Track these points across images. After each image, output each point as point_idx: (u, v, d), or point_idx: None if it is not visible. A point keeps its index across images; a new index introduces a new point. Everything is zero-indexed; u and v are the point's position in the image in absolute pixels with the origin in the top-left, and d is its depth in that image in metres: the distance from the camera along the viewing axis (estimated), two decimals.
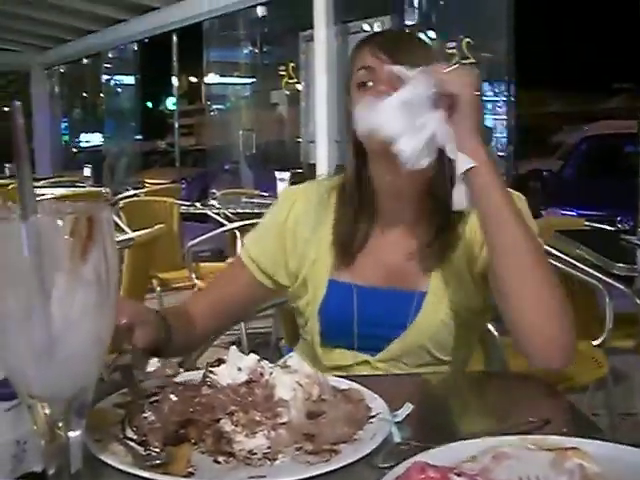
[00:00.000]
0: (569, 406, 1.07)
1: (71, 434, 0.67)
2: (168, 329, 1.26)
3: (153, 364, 1.06)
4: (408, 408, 0.93)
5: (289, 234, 1.45)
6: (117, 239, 3.27)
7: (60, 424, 0.66)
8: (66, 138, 15.88)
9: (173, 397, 0.92)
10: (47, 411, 0.65)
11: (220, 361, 0.99)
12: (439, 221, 1.38)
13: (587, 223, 3.79)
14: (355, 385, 1.03)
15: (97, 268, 0.63)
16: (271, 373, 0.95)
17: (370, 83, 1.33)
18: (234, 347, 1.01)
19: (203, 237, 4.19)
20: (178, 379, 1.04)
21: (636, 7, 5.77)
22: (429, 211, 1.39)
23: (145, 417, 0.90)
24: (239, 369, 0.95)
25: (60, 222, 0.62)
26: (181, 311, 1.42)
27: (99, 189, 7.39)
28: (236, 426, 0.86)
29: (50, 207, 0.70)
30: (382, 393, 0.99)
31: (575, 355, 1.16)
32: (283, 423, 0.88)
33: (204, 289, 1.55)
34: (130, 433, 0.89)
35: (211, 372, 0.96)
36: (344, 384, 1.04)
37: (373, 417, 0.94)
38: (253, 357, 0.98)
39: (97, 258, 0.63)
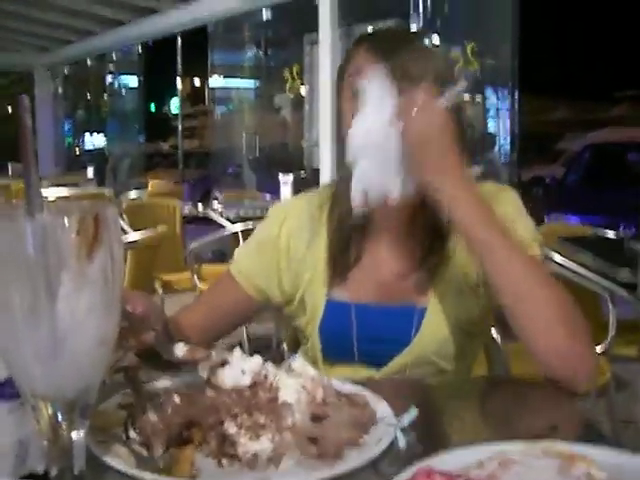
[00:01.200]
0: (576, 412, 1.06)
1: (74, 435, 0.66)
2: (171, 331, 1.24)
3: (180, 349, 1.04)
4: (413, 413, 0.92)
5: (282, 251, 1.42)
6: None
7: (63, 424, 0.65)
8: (69, 139, 15.89)
9: (177, 399, 0.92)
10: (50, 411, 0.65)
11: (224, 362, 0.98)
12: (432, 235, 1.35)
13: (590, 231, 3.79)
14: (359, 389, 1.02)
15: (103, 267, 0.62)
16: (275, 376, 0.94)
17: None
18: (238, 349, 1.01)
19: (205, 239, 4.19)
20: (181, 381, 1.04)
21: None
22: (422, 225, 1.36)
23: (148, 419, 0.90)
24: (243, 372, 0.95)
25: (67, 220, 0.61)
26: (172, 322, 1.39)
27: (102, 190, 7.39)
28: (240, 429, 0.85)
29: (56, 205, 0.70)
30: (386, 397, 0.99)
31: (596, 372, 1.13)
32: (287, 426, 0.87)
33: (194, 303, 1.52)
34: (133, 435, 0.89)
35: (215, 374, 0.96)
36: (348, 388, 1.03)
37: (378, 421, 0.93)
38: (257, 359, 0.97)
39: (103, 257, 0.62)
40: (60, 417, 0.65)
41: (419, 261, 1.36)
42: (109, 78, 14.12)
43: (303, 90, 9.35)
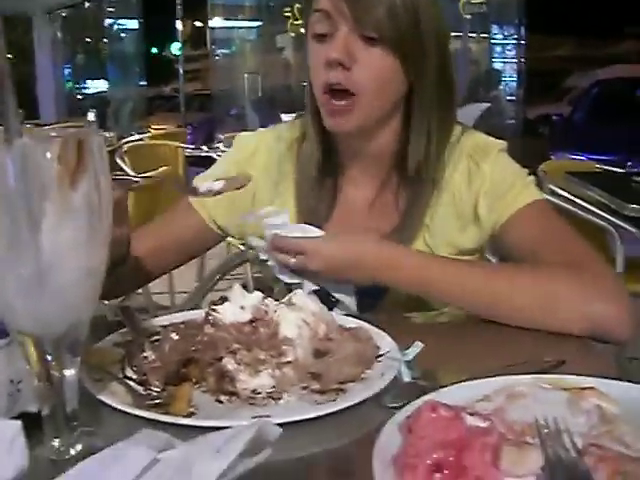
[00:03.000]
0: (586, 346, 1.03)
1: (65, 372, 0.64)
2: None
3: (217, 183, 1.02)
4: (418, 347, 0.90)
5: (248, 191, 1.32)
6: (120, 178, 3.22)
7: (53, 362, 0.63)
8: (70, 85, 15.72)
9: (174, 336, 0.89)
10: (38, 348, 0.62)
11: (223, 299, 0.95)
12: (412, 188, 1.29)
13: (598, 166, 3.73)
14: (363, 324, 1.00)
15: (88, 197, 0.59)
16: (275, 311, 0.91)
17: (324, 34, 1.19)
18: (238, 285, 0.98)
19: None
20: (180, 318, 1.01)
21: None
22: (399, 178, 1.30)
23: (145, 356, 0.87)
24: (242, 307, 0.92)
25: (47, 147, 0.57)
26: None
27: (104, 133, 7.30)
28: (239, 365, 0.83)
29: (37, 132, 0.66)
30: (390, 332, 0.96)
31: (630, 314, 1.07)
32: (288, 362, 0.85)
33: (150, 227, 1.42)
34: (130, 372, 0.86)
35: (214, 310, 0.93)
36: (351, 322, 1.00)
37: (382, 356, 0.91)
38: (257, 295, 0.94)
39: (88, 186, 0.59)
40: (49, 354, 0.62)
41: (402, 213, 1.30)
42: (108, 21, 13.87)
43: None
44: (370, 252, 1.11)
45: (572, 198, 2.64)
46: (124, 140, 5.69)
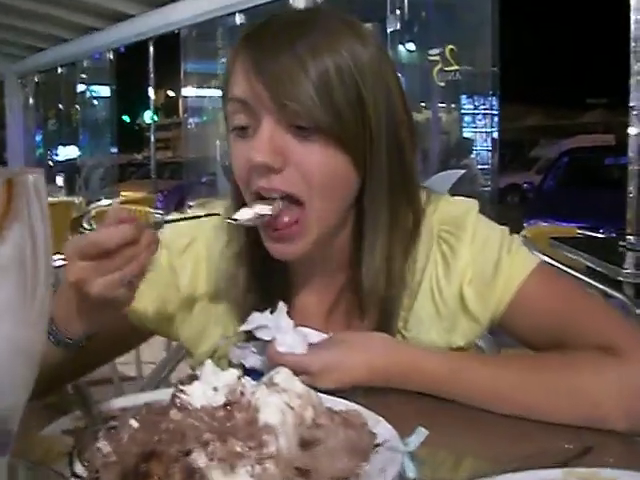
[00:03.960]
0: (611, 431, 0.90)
1: None
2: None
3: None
4: (422, 434, 0.76)
5: (183, 286, 1.13)
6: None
7: None
8: (40, 151, 15.59)
9: (134, 423, 0.75)
10: None
11: (192, 378, 0.81)
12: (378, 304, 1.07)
13: (579, 231, 3.67)
14: (354, 405, 0.86)
15: (19, 249, 0.46)
16: (254, 393, 0.77)
17: (245, 126, 0.98)
18: (209, 361, 0.84)
19: None
20: (142, 399, 0.86)
21: (614, 24, 5.75)
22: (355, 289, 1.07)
23: (99, 448, 0.72)
24: (215, 388, 0.78)
25: None
26: None
27: (72, 198, 7.16)
28: (211, 460, 0.68)
29: None
30: (386, 415, 0.82)
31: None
32: (270, 455, 0.70)
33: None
34: (79, 469, 0.71)
35: (181, 391, 0.78)
36: (340, 404, 0.86)
37: (379, 445, 0.77)
38: (232, 372, 0.80)
39: (19, 236, 0.46)
40: None
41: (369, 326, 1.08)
42: (81, 87, 13.84)
43: None
44: (382, 361, 0.97)
45: (563, 267, 2.50)
46: (93, 205, 5.57)
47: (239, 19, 8.35)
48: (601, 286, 2.46)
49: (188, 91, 11.61)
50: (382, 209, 1.02)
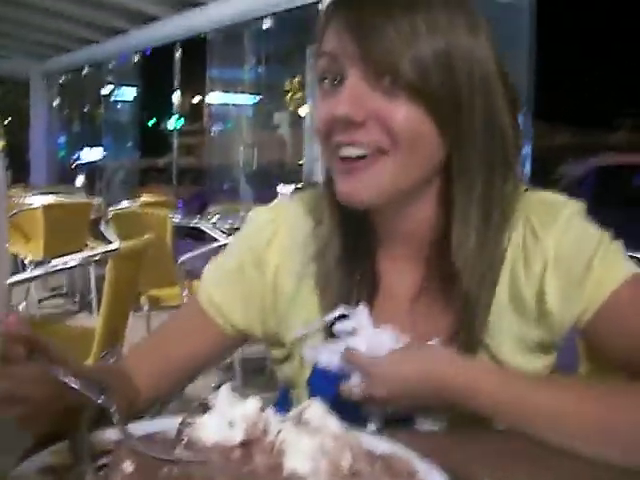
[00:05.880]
0: None
1: None
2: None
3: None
4: None
5: (268, 283, 1.07)
6: (100, 249, 2.95)
7: None
8: (63, 153, 15.57)
9: (129, 465, 0.60)
10: None
11: (204, 407, 0.66)
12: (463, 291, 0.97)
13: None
14: (399, 449, 0.70)
15: None
16: (279, 431, 0.62)
17: (327, 81, 0.95)
18: (226, 386, 0.69)
19: (196, 252, 3.88)
20: (140, 432, 0.70)
21: None
22: (444, 270, 0.99)
23: None
24: (231, 423, 0.63)
25: None
26: (118, 371, 1.04)
27: (91, 200, 7.05)
28: None
29: None
30: (442, 460, 0.67)
31: None
32: None
33: (147, 339, 1.15)
34: None
35: (189, 424, 0.64)
36: (384, 446, 0.71)
37: None
38: (253, 404, 0.66)
39: None
40: None
41: (454, 314, 0.99)
42: (105, 90, 13.81)
43: (302, 110, 9.04)
44: (442, 377, 0.88)
45: None
46: (111, 207, 5.48)
47: (266, 24, 8.27)
48: None
49: (213, 97, 11.60)
50: (476, 181, 0.95)
